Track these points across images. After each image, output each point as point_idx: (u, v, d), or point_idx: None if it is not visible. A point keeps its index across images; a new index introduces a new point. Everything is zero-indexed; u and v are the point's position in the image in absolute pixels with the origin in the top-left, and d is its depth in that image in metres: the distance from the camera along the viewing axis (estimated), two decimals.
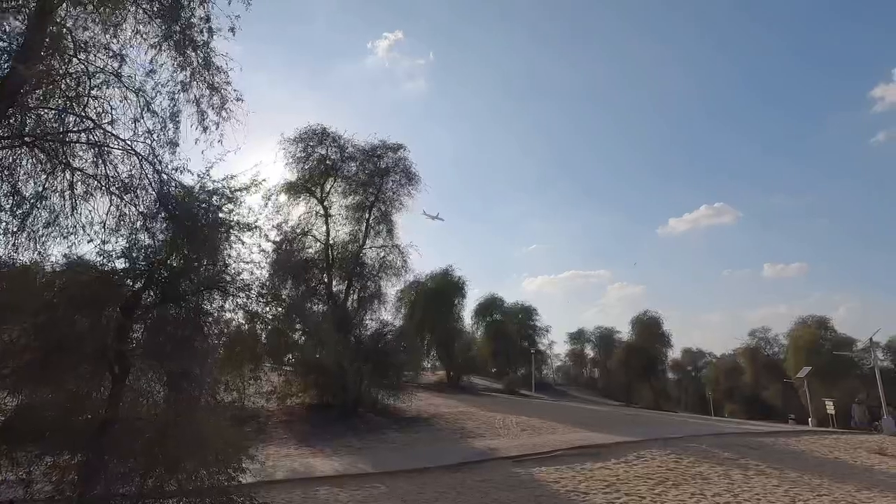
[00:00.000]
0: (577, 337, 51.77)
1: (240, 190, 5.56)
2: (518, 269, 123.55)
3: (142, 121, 5.77)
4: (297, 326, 12.80)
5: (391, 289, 18.66)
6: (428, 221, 46.36)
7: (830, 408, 23.70)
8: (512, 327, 38.83)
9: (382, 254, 17.50)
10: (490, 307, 38.34)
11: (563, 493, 7.27)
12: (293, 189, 16.72)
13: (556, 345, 53.00)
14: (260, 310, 5.79)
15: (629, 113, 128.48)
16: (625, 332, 46.14)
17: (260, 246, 5.71)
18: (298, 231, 16.73)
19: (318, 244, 16.97)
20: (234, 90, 6.54)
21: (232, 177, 5.57)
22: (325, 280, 16.80)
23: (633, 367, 41.46)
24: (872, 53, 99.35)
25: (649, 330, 42.60)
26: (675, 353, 49.38)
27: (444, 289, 27.64)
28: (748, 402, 41.62)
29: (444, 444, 10.94)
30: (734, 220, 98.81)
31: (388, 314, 19.87)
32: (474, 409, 16.38)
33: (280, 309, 6.68)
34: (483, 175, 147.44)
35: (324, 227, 16.99)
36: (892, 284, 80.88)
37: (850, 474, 9.33)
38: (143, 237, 5.18)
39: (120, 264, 5.03)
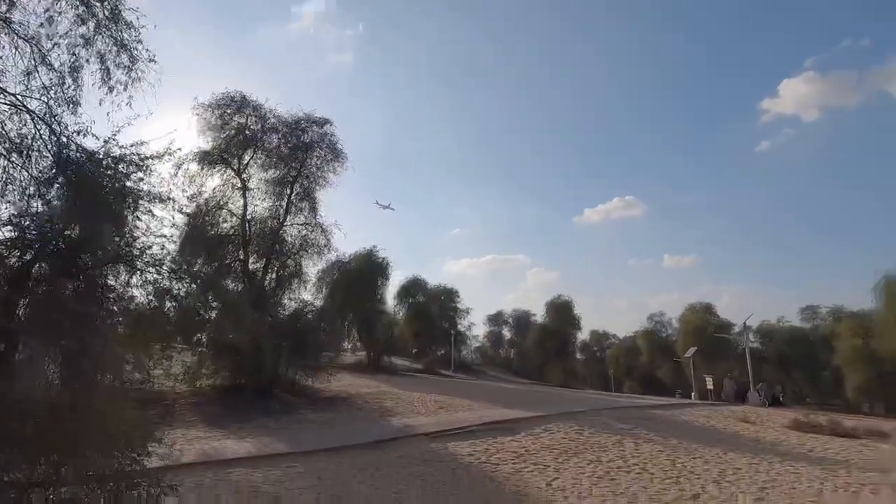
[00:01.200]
0: (496, 319, 53.90)
1: (150, 158, 5.16)
2: (442, 252, 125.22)
3: (36, 75, 5.11)
4: (211, 304, 12.18)
5: (312, 268, 18.24)
6: (376, 208, 45.40)
7: (710, 383, 26.89)
8: (434, 309, 39.56)
9: (304, 232, 16.98)
10: (413, 289, 38.70)
11: (476, 465, 7.71)
12: (208, 159, 15.64)
13: (476, 326, 54.67)
14: (171, 286, 5.47)
15: (555, 104, 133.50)
16: (540, 315, 48.77)
17: (173, 219, 5.38)
18: (213, 204, 15.74)
19: (235, 219, 16.10)
20: (147, 50, 5.98)
21: (142, 143, 5.16)
22: (242, 257, 16.02)
23: (546, 348, 44.06)
24: (765, 67, 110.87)
25: (562, 313, 45.39)
26: (584, 336, 53.12)
27: (368, 269, 27.42)
28: (644, 379, 45.93)
29: (363, 422, 11.06)
30: (642, 213, 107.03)
31: (308, 294, 19.42)
32: (394, 388, 16.61)
33: (193, 286, 6.34)
34: (410, 157, 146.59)
35: (241, 202, 16.13)
36: (767, 276, 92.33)
37: (721, 439, 10.74)
38: (35, 204, 4.65)
39: (7, 233, 4.49)
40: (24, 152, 4.80)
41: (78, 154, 4.87)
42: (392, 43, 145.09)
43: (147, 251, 5.04)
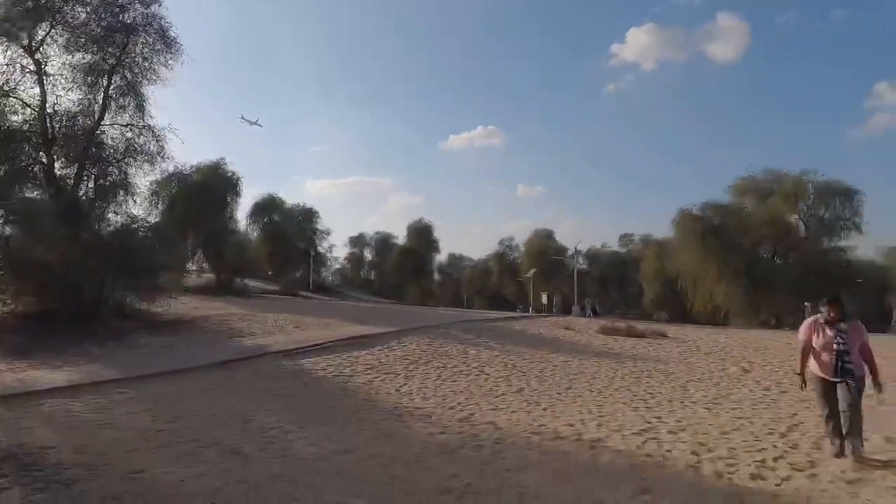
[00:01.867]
0: (357, 241, 53.73)
1: None
2: (301, 170, 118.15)
3: None
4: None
5: (143, 179, 15.79)
6: (240, 123, 39.69)
7: (545, 299, 30.86)
8: (291, 229, 37.85)
9: (130, 134, 14.40)
10: (268, 207, 36.33)
11: (329, 378, 7.94)
12: None
13: (337, 248, 53.99)
14: None
15: (421, 27, 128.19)
16: (401, 237, 49.87)
17: None
18: None
19: (30, 111, 12.96)
20: None
21: None
22: (44, 160, 13.18)
23: (405, 270, 45.66)
24: (622, 10, 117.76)
25: (422, 236, 46.99)
26: (442, 258, 56.02)
27: (215, 184, 24.76)
28: (493, 297, 50.79)
29: (208, 345, 10.48)
30: (501, 143, 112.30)
31: (139, 209, 16.92)
32: (246, 310, 15.88)
33: None
34: (259, 66, 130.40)
35: (37, 89, 12.96)
36: (600, 207, 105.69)
37: (545, 343, 12.57)
38: None
39: None
40: None
41: None
42: None
43: None
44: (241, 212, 35.02)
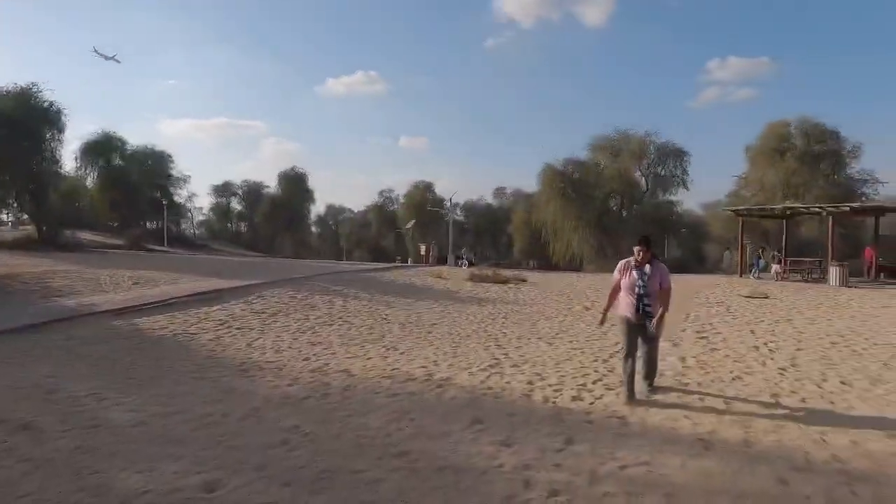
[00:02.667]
0: (223, 190, 49.02)
1: None
2: (153, 107, 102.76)
3: None
4: None
5: None
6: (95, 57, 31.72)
7: (423, 250, 31.38)
8: (139, 175, 33.07)
9: None
10: (105, 148, 31.23)
11: (169, 337, 7.16)
12: None
13: (200, 198, 48.80)
14: None
15: None
16: (273, 186, 46.53)
17: None
18: None
19: None
20: None
21: None
22: None
23: (277, 221, 42.96)
24: None
25: (296, 185, 44.31)
26: (319, 209, 53.71)
27: (25, 115, 20.31)
28: (373, 249, 50.41)
29: (15, 307, 8.77)
30: (384, 91, 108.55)
31: None
32: (74, 266, 13.64)
33: None
34: None
35: None
36: (478, 161, 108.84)
37: (416, 292, 12.80)
38: None
39: None
40: None
41: None
42: None
43: None
44: (69, 152, 29.60)
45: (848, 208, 17.58)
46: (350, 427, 3.92)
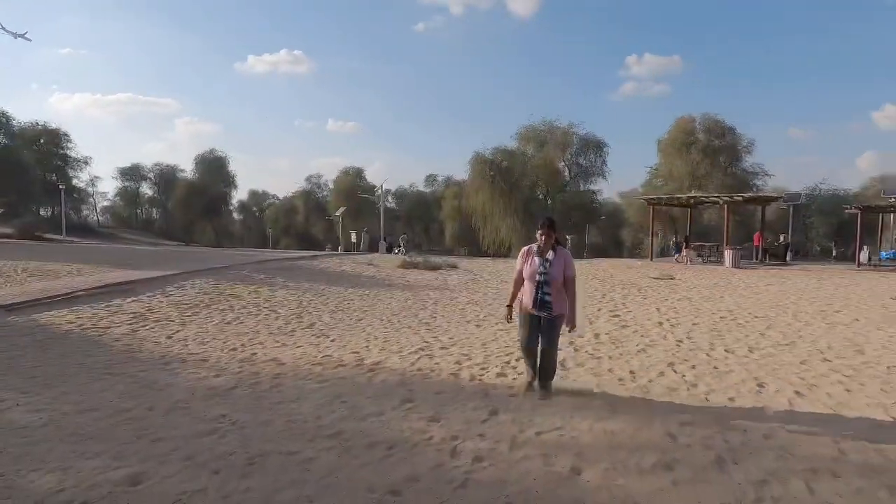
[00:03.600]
0: (132, 174, 45.09)
1: None
2: (41, 77, 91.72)
3: None
4: None
5: None
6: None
7: (354, 237, 30.94)
8: (28, 155, 29.62)
9: None
10: None
11: (77, 332, 6.64)
12: None
13: (104, 181, 44.75)
14: None
15: None
16: (189, 170, 43.53)
17: None
18: None
19: None
20: None
21: None
22: None
23: (195, 207, 40.33)
24: None
25: (215, 170, 41.75)
26: (241, 195, 51.06)
27: None
28: (301, 236, 48.87)
29: None
30: (310, 72, 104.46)
31: None
32: None
33: None
34: None
35: None
36: (409, 148, 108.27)
37: (346, 279, 12.72)
38: None
39: None
40: None
41: None
42: None
43: None
44: None
45: (741, 198, 19.69)
46: (281, 413, 3.95)
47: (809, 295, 10.33)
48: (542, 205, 32.45)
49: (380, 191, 34.68)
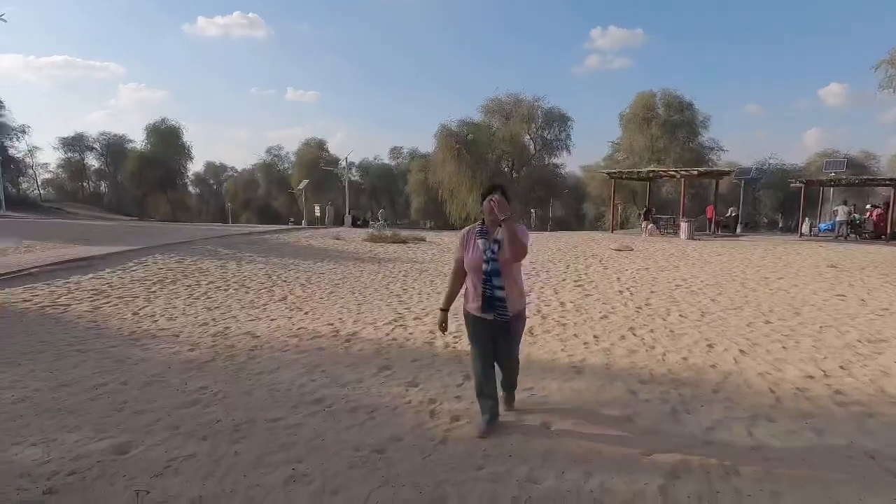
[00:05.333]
0: (76, 144, 42.31)
1: None
2: None
3: None
4: None
5: None
6: None
7: (317, 211, 30.41)
8: None
9: None
10: None
11: (35, 310, 6.42)
12: None
13: (43, 152, 42.01)
14: None
15: None
16: (139, 140, 41.27)
17: None
18: None
19: None
20: None
21: None
22: None
23: (148, 180, 38.46)
24: None
25: (168, 140, 39.74)
26: (197, 167, 48.93)
27: None
28: (262, 210, 47.50)
29: None
30: (266, 37, 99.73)
31: None
32: None
33: None
34: None
35: None
36: (373, 120, 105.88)
37: (313, 254, 12.62)
38: None
39: None
40: None
41: None
42: None
43: None
44: None
45: (696, 172, 20.52)
46: (261, 383, 4.04)
47: (755, 264, 11.05)
48: (507, 178, 32.73)
49: (344, 163, 34.03)
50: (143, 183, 38.93)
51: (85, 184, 43.95)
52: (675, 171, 20.98)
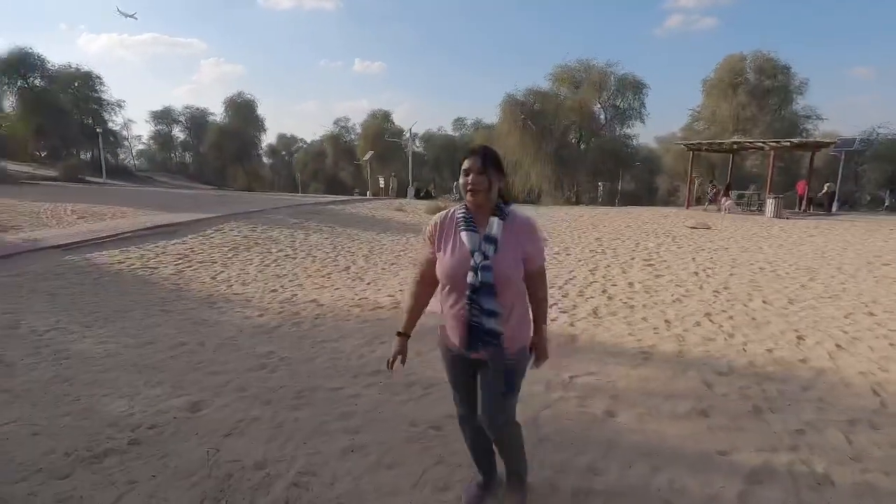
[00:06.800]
0: (164, 117, 45.57)
1: None
2: (67, 16, 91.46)
3: None
4: None
5: None
6: None
7: (381, 182, 30.93)
8: (66, 98, 30.14)
9: None
10: (22, 67, 27.97)
11: (128, 271, 7.01)
12: None
13: (137, 125, 45.45)
14: None
15: None
16: (219, 114, 43.64)
17: None
18: None
19: None
20: None
21: None
22: None
23: (226, 151, 40.75)
24: None
25: (244, 113, 41.73)
26: (270, 139, 51.16)
27: None
28: (329, 181, 49.05)
29: None
30: (335, 8, 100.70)
31: None
32: (6, 199, 12.72)
33: None
34: None
35: None
36: (438, 91, 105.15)
37: (376, 225, 12.85)
38: None
39: None
40: None
41: None
42: None
43: None
44: None
45: (788, 143, 18.56)
46: (324, 351, 4.15)
47: (855, 247, 9.89)
48: (574, 150, 31.40)
49: (408, 135, 34.13)
50: (221, 154, 41.31)
51: (172, 154, 47.40)
52: (764, 142, 19.10)
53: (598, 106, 31.82)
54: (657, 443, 2.70)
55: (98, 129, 31.17)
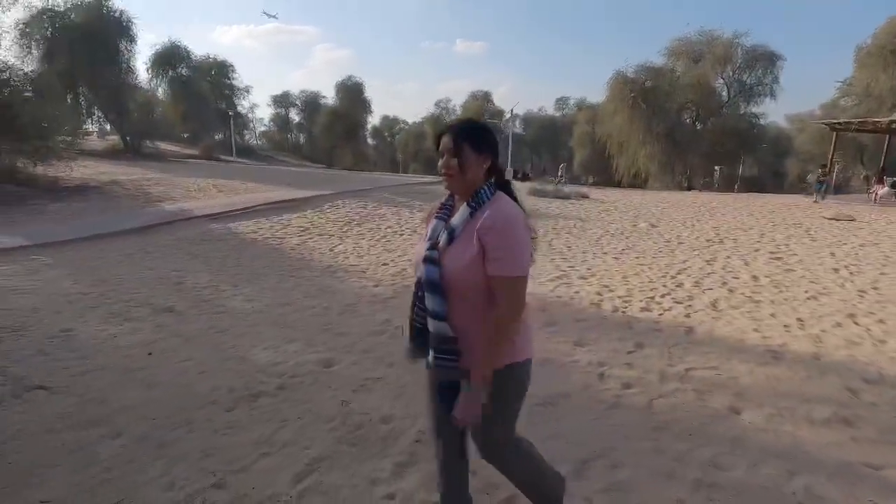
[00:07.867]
0: (282, 100, 49.57)
1: None
2: (203, 12, 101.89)
3: None
4: None
5: (3, 15, 13.06)
6: None
7: None
8: (205, 85, 33.87)
9: None
10: (173, 58, 31.81)
11: (260, 240, 7.89)
12: None
13: (260, 108, 49.75)
14: None
15: None
16: (330, 97, 46.40)
17: None
18: None
19: None
20: None
21: None
22: None
23: (336, 132, 43.34)
24: None
25: (353, 96, 43.95)
26: (374, 120, 53.42)
27: (100, 27, 20.97)
28: (429, 162, 50.21)
29: (125, 210, 9.86)
30: None
31: (9, 54, 14.23)
32: (162, 174, 14.79)
33: None
34: None
35: None
36: (539, 70, 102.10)
37: None
38: None
39: None
40: None
41: None
42: None
43: None
44: (141, 62, 30.54)
45: None
46: None
47: None
48: (689, 130, 28.88)
49: (509, 115, 33.75)
50: (331, 135, 44.06)
51: (289, 136, 51.52)
52: None
53: (721, 81, 28.86)
54: (791, 446, 2.53)
55: (230, 113, 34.88)
